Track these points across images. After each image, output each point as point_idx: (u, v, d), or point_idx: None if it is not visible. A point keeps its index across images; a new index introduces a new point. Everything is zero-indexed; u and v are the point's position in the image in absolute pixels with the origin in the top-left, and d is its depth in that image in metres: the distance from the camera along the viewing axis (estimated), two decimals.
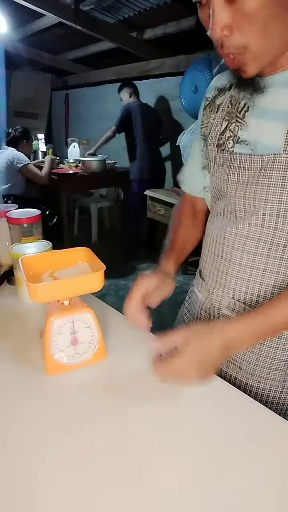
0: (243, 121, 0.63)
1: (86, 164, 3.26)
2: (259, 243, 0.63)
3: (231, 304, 0.69)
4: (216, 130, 0.68)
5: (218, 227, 0.71)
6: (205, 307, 0.76)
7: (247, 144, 0.62)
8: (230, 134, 0.65)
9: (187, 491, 0.44)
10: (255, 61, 0.53)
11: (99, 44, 3.84)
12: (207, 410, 0.56)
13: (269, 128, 0.58)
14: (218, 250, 0.70)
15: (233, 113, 0.64)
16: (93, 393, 0.60)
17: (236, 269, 0.67)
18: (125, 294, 0.66)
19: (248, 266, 0.65)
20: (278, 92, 0.57)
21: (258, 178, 0.60)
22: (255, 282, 0.65)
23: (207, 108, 0.73)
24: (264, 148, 0.59)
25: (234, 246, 0.66)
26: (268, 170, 0.59)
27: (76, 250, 0.72)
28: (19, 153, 2.98)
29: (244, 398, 0.59)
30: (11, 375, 0.63)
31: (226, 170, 0.65)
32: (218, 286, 0.71)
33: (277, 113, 0.57)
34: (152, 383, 0.61)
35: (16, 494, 0.43)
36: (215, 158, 0.68)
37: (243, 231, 0.64)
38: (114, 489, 0.44)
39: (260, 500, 0.43)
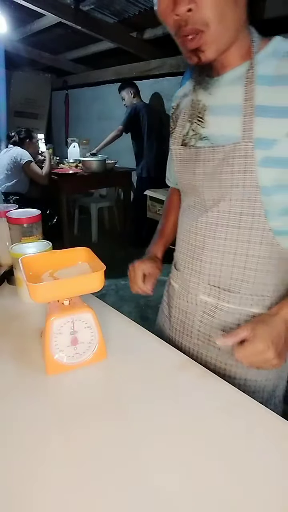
0: (203, 120, 0.69)
1: (86, 164, 3.26)
2: (228, 229, 0.68)
3: (207, 289, 0.75)
4: (180, 131, 0.75)
5: (190, 218, 0.77)
6: (182, 295, 0.81)
7: (208, 140, 0.68)
8: (193, 133, 0.71)
9: (187, 491, 0.44)
10: (213, 43, 0.59)
11: (99, 44, 3.84)
12: (208, 410, 0.56)
13: (226, 122, 0.65)
14: (191, 240, 0.76)
15: (194, 114, 0.71)
16: (93, 393, 0.60)
17: (209, 255, 0.72)
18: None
19: (220, 251, 0.71)
20: (228, 90, 0.65)
21: (222, 167, 0.65)
22: (228, 265, 0.71)
23: (173, 115, 0.81)
24: (224, 139, 0.65)
25: (206, 234, 0.72)
26: (230, 159, 0.64)
27: (76, 250, 0.72)
28: (23, 151, 3.00)
29: (245, 398, 0.59)
30: (11, 375, 0.63)
31: (192, 164, 0.71)
32: (193, 274, 0.77)
33: (230, 107, 0.64)
34: (152, 383, 0.61)
35: (16, 494, 0.43)
36: (180, 155, 0.74)
37: (213, 219, 0.70)
38: (114, 489, 0.44)
39: (260, 500, 0.43)
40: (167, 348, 0.71)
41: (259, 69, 0.61)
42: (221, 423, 0.54)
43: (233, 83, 0.64)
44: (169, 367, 0.66)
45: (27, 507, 0.42)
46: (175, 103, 0.81)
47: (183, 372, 0.65)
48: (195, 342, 0.79)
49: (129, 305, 2.64)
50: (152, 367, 0.65)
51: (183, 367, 0.66)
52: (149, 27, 3.26)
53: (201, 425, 0.53)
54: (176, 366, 0.66)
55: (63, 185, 3.16)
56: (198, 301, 0.77)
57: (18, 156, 2.95)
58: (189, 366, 0.66)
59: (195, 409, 0.56)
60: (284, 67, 0.59)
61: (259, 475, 0.46)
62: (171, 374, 0.64)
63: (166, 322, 0.90)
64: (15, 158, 2.95)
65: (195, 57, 0.61)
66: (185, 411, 0.56)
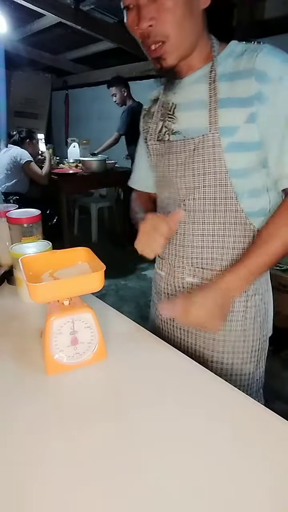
0: (173, 116, 0.77)
1: (86, 164, 3.26)
2: (204, 213, 0.75)
3: (191, 271, 0.81)
4: (154, 129, 0.83)
5: (168, 208, 0.83)
6: (169, 281, 0.87)
7: (180, 133, 0.76)
8: (165, 129, 0.79)
9: (187, 491, 0.44)
10: (173, 52, 0.68)
11: (99, 44, 3.85)
12: (208, 410, 0.56)
13: (194, 116, 0.73)
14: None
15: (165, 113, 0.80)
16: (93, 393, 0.60)
17: (190, 239, 0.79)
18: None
19: (199, 234, 0.77)
20: (194, 88, 0.73)
21: (194, 157, 0.73)
22: (208, 246, 0.78)
23: (145, 116, 0.89)
24: (194, 132, 0.73)
25: (186, 221, 0.78)
26: (200, 149, 0.71)
27: (76, 250, 0.72)
28: (23, 151, 3.00)
29: (245, 398, 0.59)
30: (11, 375, 0.63)
31: (167, 157, 0.78)
32: (178, 259, 0.83)
33: (197, 103, 0.72)
34: (151, 383, 0.61)
35: (16, 494, 0.43)
36: (156, 150, 0.82)
37: (190, 206, 0.77)
38: (114, 489, 0.44)
39: (260, 500, 0.43)
40: (167, 348, 0.71)
41: (220, 68, 0.71)
42: (221, 423, 0.54)
43: (198, 82, 0.73)
44: (169, 367, 0.66)
45: (27, 507, 0.42)
46: (147, 106, 0.89)
47: (183, 372, 0.65)
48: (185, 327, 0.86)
49: (129, 305, 2.64)
50: (152, 367, 0.65)
51: (183, 367, 0.66)
52: None
53: (201, 425, 0.53)
54: (176, 366, 0.66)
55: (63, 185, 3.16)
56: (185, 284, 0.83)
57: (18, 156, 2.95)
58: (189, 366, 0.66)
59: (195, 409, 0.56)
60: (239, 64, 0.68)
61: (259, 475, 0.46)
62: (171, 374, 0.64)
63: (157, 311, 0.93)
64: (15, 158, 2.95)
65: (158, 64, 0.70)
66: (185, 411, 0.56)
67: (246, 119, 0.67)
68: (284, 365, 1.95)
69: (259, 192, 0.73)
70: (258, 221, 0.75)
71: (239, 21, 2.65)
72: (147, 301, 2.72)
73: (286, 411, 0.71)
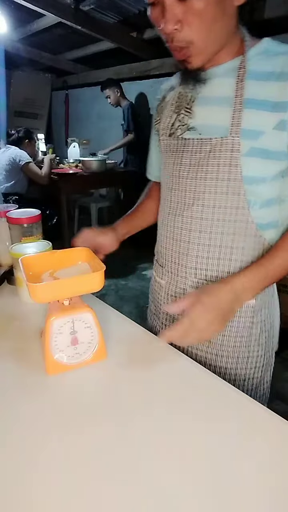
0: (190, 110, 0.70)
1: (86, 164, 3.26)
2: (213, 222, 0.70)
3: (194, 283, 0.76)
4: (167, 122, 0.76)
5: (173, 213, 0.77)
6: (170, 290, 0.82)
7: (195, 130, 0.69)
8: (179, 123, 0.72)
9: (188, 491, 0.44)
10: (199, 55, 0.62)
11: (99, 44, 3.84)
12: (208, 410, 0.56)
13: (215, 112, 0.66)
14: (176, 234, 0.77)
15: (182, 105, 0.72)
16: (93, 393, 0.60)
17: (196, 248, 0.73)
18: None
19: (205, 244, 0.72)
20: (219, 81, 0.66)
21: (208, 159, 0.67)
22: (213, 258, 0.72)
23: (158, 106, 0.82)
24: (212, 131, 0.66)
25: (192, 228, 0.73)
26: (217, 152, 0.66)
27: (76, 250, 0.72)
28: (22, 151, 2.99)
29: (245, 398, 0.59)
30: (11, 375, 0.63)
31: (180, 155, 0.72)
32: (180, 268, 0.77)
33: (221, 99, 0.66)
34: (151, 383, 0.61)
35: (15, 494, 0.43)
36: (168, 146, 0.76)
37: (198, 213, 0.71)
38: (114, 489, 0.44)
39: (260, 501, 0.43)
40: (167, 348, 0.71)
41: (251, 64, 0.64)
42: (221, 423, 0.54)
43: (224, 76, 0.66)
44: (168, 367, 0.66)
45: (27, 506, 0.42)
46: (161, 96, 0.82)
47: (183, 372, 0.65)
48: None
49: (129, 305, 2.64)
50: (152, 367, 0.65)
51: (183, 367, 0.66)
52: (149, 27, 3.26)
53: (201, 425, 0.53)
54: (176, 366, 0.66)
55: (63, 185, 3.15)
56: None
57: (17, 157, 2.94)
58: (189, 366, 0.66)
59: (195, 409, 0.56)
60: (275, 65, 0.62)
61: (259, 475, 0.46)
62: (171, 374, 0.64)
63: (155, 320, 0.90)
64: (13, 159, 2.94)
65: (183, 65, 0.65)
66: (185, 411, 0.56)
67: (275, 125, 0.62)
68: (285, 365, 1.95)
69: (272, 202, 0.68)
70: (269, 234, 0.70)
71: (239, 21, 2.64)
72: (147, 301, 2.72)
73: (286, 411, 0.71)
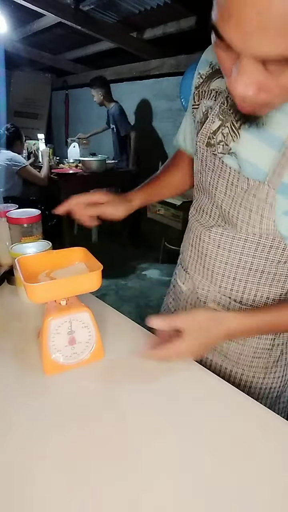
0: (237, 133, 0.59)
1: (86, 164, 3.27)
2: (245, 243, 0.63)
3: (217, 298, 0.71)
4: (208, 127, 0.63)
5: (203, 224, 0.70)
6: (190, 299, 0.77)
7: (236, 157, 0.59)
8: (222, 138, 0.61)
9: (188, 490, 0.44)
10: (270, 109, 0.49)
11: (99, 44, 3.85)
12: (208, 410, 0.56)
13: (260, 150, 0.56)
14: (202, 248, 0.71)
15: (229, 116, 0.60)
16: (91, 393, 0.60)
17: (222, 267, 0.68)
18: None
19: (234, 264, 0.66)
20: (278, 117, 0.53)
21: (242, 200, 0.59)
22: (241, 280, 0.66)
23: (199, 87, 0.68)
24: (251, 170, 0.57)
25: (220, 246, 0.67)
26: (251, 196, 0.58)
27: (73, 250, 0.72)
28: (15, 155, 2.95)
29: (245, 398, 0.59)
30: (10, 375, 0.63)
31: (216, 178, 0.64)
32: (204, 282, 0.72)
33: (271, 137, 0.55)
34: (150, 383, 0.62)
35: (15, 494, 0.44)
36: (204, 157, 0.66)
37: (230, 232, 0.65)
38: (113, 489, 0.44)
39: (260, 501, 0.43)
40: None
41: None
42: (221, 423, 0.54)
43: (285, 111, 0.53)
44: (168, 366, 0.66)
45: (26, 506, 0.42)
46: (204, 71, 0.67)
47: (182, 371, 0.65)
48: None
49: (129, 305, 2.64)
50: (150, 367, 0.66)
51: (183, 366, 0.66)
52: (149, 27, 3.26)
53: (201, 425, 0.54)
54: (175, 366, 0.66)
55: (63, 185, 3.16)
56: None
57: (11, 162, 2.89)
58: (189, 366, 0.66)
59: (194, 409, 0.56)
60: None
61: (259, 476, 0.46)
62: (171, 373, 0.64)
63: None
64: (6, 164, 2.88)
65: (247, 112, 0.50)
66: (184, 411, 0.56)
67: None
68: None
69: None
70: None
71: None
72: (147, 301, 2.72)
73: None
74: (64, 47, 4.38)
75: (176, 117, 3.55)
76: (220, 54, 0.44)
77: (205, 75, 0.67)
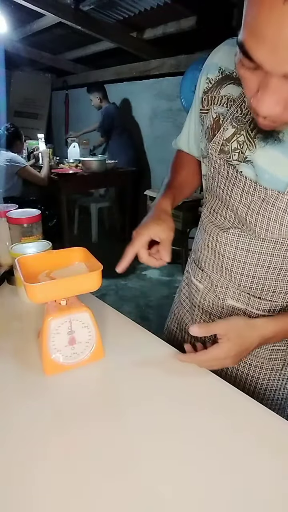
0: (253, 142, 0.57)
1: (86, 164, 3.27)
2: (264, 243, 0.63)
3: (236, 294, 0.71)
4: (221, 134, 0.62)
5: (218, 226, 0.70)
6: (208, 297, 0.76)
7: (252, 166, 0.58)
8: (237, 146, 0.60)
9: (187, 491, 0.44)
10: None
11: (99, 44, 3.85)
12: (208, 410, 0.56)
13: (279, 161, 0.55)
14: (219, 249, 0.70)
15: (244, 125, 0.59)
16: (91, 393, 0.60)
17: (241, 266, 0.68)
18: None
19: (253, 263, 0.66)
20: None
21: (260, 208, 0.59)
22: (260, 277, 0.67)
23: (208, 92, 0.66)
24: (269, 180, 0.57)
25: (238, 246, 0.67)
26: (269, 205, 0.58)
27: (72, 250, 0.72)
28: (15, 155, 2.95)
29: (245, 398, 0.59)
30: (10, 375, 0.63)
31: (230, 186, 0.63)
32: (222, 280, 0.72)
33: (286, 146, 0.54)
34: (150, 383, 0.62)
35: (14, 494, 0.44)
36: (217, 164, 0.64)
37: (247, 233, 0.65)
38: (113, 489, 0.44)
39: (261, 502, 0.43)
40: (166, 348, 0.71)
41: None
42: (221, 422, 0.54)
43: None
44: (168, 366, 0.66)
45: (26, 506, 0.42)
46: (213, 76, 0.65)
47: (182, 372, 0.65)
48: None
49: (129, 305, 2.64)
50: (151, 367, 0.66)
51: (183, 366, 0.66)
52: (149, 27, 3.26)
53: (201, 425, 0.53)
54: (175, 366, 0.66)
55: (63, 185, 3.16)
56: (226, 306, 0.73)
57: (11, 162, 2.89)
58: (189, 366, 0.66)
59: (194, 409, 0.56)
60: None
61: (259, 476, 0.46)
62: (170, 374, 0.64)
63: (177, 322, 0.88)
64: (7, 165, 2.88)
65: (263, 124, 0.49)
66: (184, 411, 0.56)
67: None
68: None
69: None
70: None
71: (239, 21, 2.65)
72: (147, 301, 2.72)
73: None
74: (64, 47, 4.38)
75: (176, 117, 3.55)
76: (245, 73, 0.43)
77: (214, 80, 0.66)
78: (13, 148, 3.03)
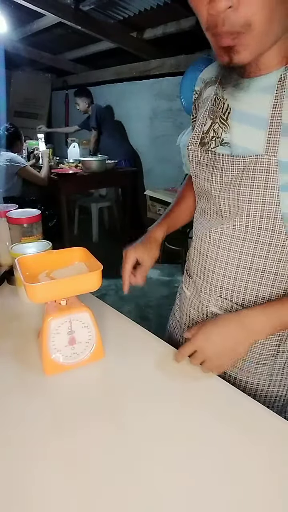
0: (226, 124, 0.62)
1: (86, 164, 3.26)
2: (244, 242, 0.64)
3: (219, 301, 0.71)
4: (200, 128, 0.67)
5: (204, 226, 0.72)
6: (193, 304, 0.78)
7: (229, 146, 0.61)
8: (213, 134, 0.64)
9: (187, 491, 0.44)
10: (253, 45, 0.49)
11: (99, 44, 3.84)
12: (207, 410, 0.56)
13: (250, 134, 0.58)
14: (204, 249, 0.72)
15: (217, 113, 0.63)
16: (91, 393, 0.60)
17: (223, 267, 0.68)
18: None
19: (234, 264, 0.66)
20: (256, 97, 0.56)
21: (241, 180, 0.60)
22: (242, 280, 0.66)
23: (196, 101, 0.74)
24: (245, 152, 0.59)
25: (220, 245, 0.67)
26: (250, 172, 0.58)
27: (72, 250, 0.72)
28: (14, 155, 2.94)
29: (245, 399, 0.59)
30: (10, 375, 0.63)
31: (210, 171, 0.65)
32: (205, 284, 0.73)
33: (255, 118, 0.57)
34: (150, 383, 0.62)
35: (14, 494, 0.44)
36: (198, 157, 0.67)
37: (229, 230, 0.65)
38: (113, 489, 0.44)
39: (260, 504, 0.43)
40: (166, 348, 0.72)
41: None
42: (221, 423, 0.54)
43: (264, 91, 0.55)
44: (168, 367, 0.66)
45: (26, 506, 0.42)
46: (198, 88, 0.72)
47: (182, 372, 0.65)
48: None
49: (129, 305, 2.64)
50: (151, 367, 0.66)
51: (182, 366, 0.66)
52: (149, 27, 3.26)
53: (201, 426, 0.54)
54: (175, 366, 0.66)
55: (63, 185, 3.15)
56: (209, 313, 0.73)
57: (11, 163, 2.88)
58: (189, 366, 0.66)
59: (194, 409, 0.57)
60: None
61: (260, 476, 0.46)
62: (170, 373, 0.64)
63: (177, 327, 0.88)
64: (7, 165, 2.87)
65: (226, 56, 0.51)
66: (184, 411, 0.56)
67: None
68: None
69: None
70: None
71: None
72: (147, 301, 2.72)
73: None
74: (64, 47, 4.38)
75: (176, 117, 3.54)
76: (197, 3, 0.48)
77: (199, 90, 0.73)
78: (13, 148, 3.02)
